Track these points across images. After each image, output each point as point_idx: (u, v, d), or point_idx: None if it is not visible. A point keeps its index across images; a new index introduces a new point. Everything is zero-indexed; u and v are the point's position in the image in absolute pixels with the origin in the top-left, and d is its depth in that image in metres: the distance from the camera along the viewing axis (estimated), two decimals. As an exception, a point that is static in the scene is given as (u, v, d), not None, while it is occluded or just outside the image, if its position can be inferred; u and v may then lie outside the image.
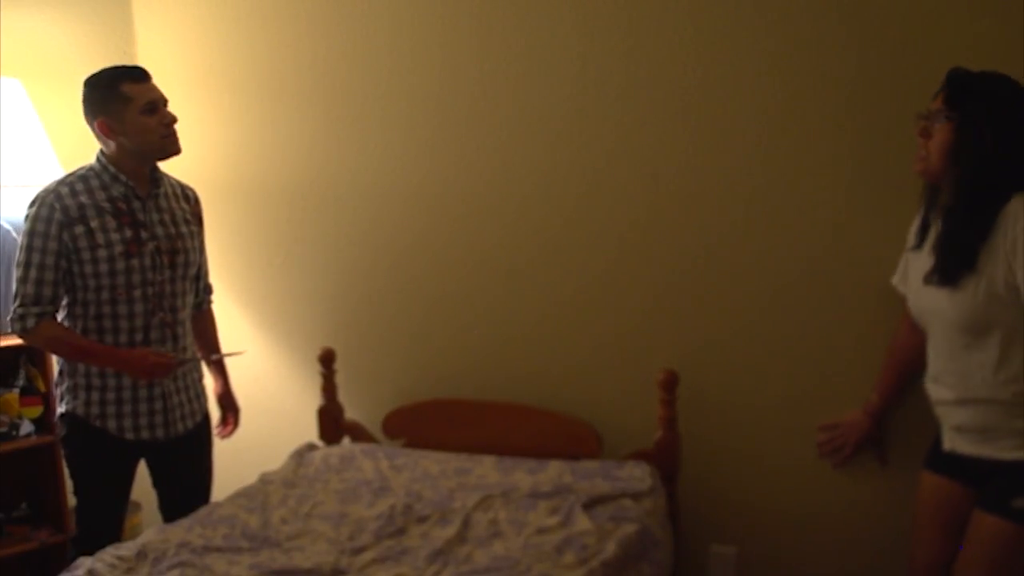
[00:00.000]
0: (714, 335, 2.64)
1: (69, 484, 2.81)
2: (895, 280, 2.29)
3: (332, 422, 2.96)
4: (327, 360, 2.94)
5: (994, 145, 1.91)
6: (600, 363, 2.78)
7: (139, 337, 2.41)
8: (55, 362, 2.90)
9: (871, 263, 2.44)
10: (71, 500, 2.93)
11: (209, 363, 2.74)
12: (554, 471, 2.56)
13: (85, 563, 2.12)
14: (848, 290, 2.49)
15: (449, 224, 2.91)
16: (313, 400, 3.01)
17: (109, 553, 2.16)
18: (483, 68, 2.79)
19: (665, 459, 2.58)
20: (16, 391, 2.94)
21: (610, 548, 2.15)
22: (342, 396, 2.99)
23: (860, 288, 2.47)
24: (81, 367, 2.41)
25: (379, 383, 3.06)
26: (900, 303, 2.30)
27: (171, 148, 2.43)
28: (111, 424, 2.42)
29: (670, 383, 2.55)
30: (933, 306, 2.05)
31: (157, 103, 2.38)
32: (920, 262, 2.10)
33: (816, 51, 2.43)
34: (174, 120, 2.42)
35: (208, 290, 2.75)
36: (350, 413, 3.01)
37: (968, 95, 1.95)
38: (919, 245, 2.13)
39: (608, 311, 2.75)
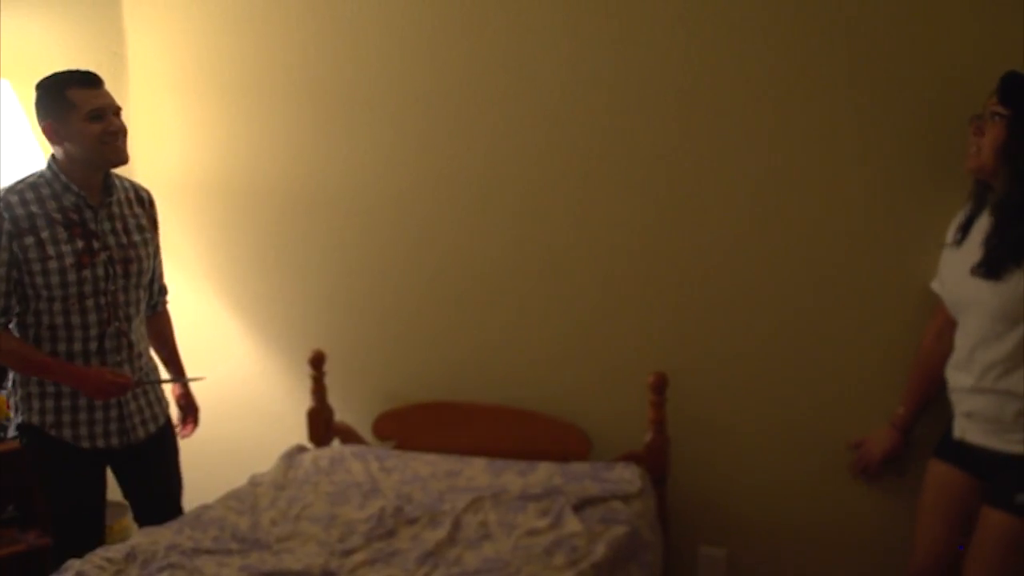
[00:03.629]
0: (704, 338, 2.65)
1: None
2: (934, 285, 2.29)
3: (322, 424, 2.95)
4: (317, 362, 2.93)
5: None
6: (590, 365, 2.78)
7: (93, 346, 2.37)
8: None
9: (872, 267, 2.46)
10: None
11: (173, 382, 2.69)
12: (544, 473, 2.57)
13: (74, 565, 2.11)
14: (843, 293, 2.50)
15: (440, 227, 2.91)
16: (303, 402, 3.01)
17: (98, 555, 2.15)
18: (474, 70, 2.79)
19: (655, 461, 2.59)
20: (3, 393, 2.92)
21: (600, 550, 2.15)
22: (332, 398, 2.99)
23: (855, 292, 2.49)
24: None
25: (369, 385, 3.06)
26: (907, 308, 2.35)
27: (113, 157, 2.35)
28: (66, 433, 2.38)
29: (660, 385, 2.55)
30: (973, 296, 2.08)
31: (104, 111, 2.30)
32: (961, 257, 2.13)
33: (822, 48, 2.43)
34: (121, 129, 2.34)
35: (163, 291, 2.71)
36: (340, 415, 3.01)
37: (1021, 94, 2.01)
38: (961, 241, 2.16)
39: (599, 314, 2.75)
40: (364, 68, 2.92)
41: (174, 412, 2.71)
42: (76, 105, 2.27)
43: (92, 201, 2.37)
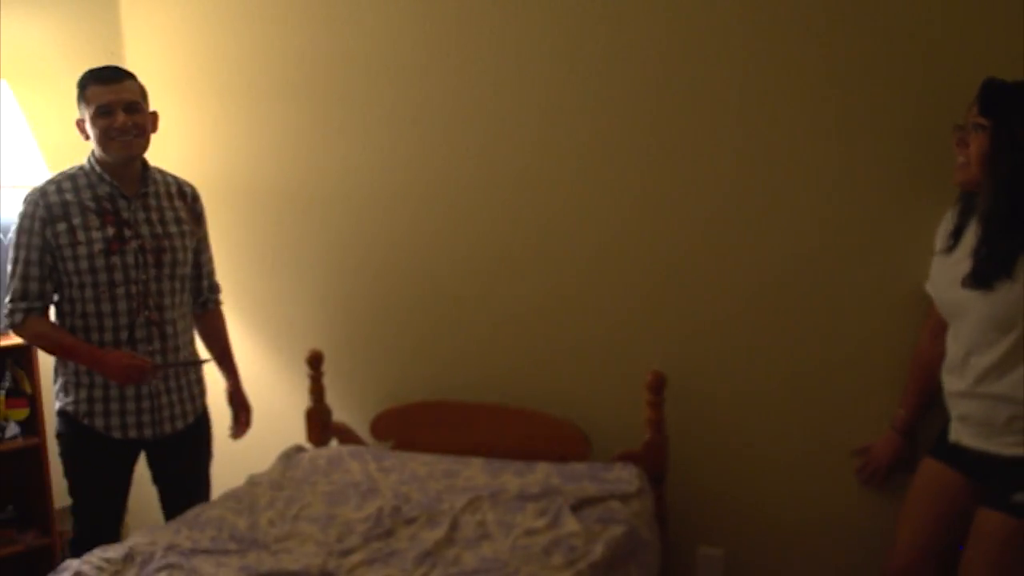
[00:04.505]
0: (703, 337, 2.65)
1: (56, 486, 2.81)
2: (928, 287, 2.28)
3: (320, 424, 2.95)
4: (315, 362, 2.93)
5: None
6: (588, 365, 2.79)
7: (124, 335, 2.41)
8: (41, 364, 2.89)
9: (864, 266, 2.46)
10: (58, 502, 2.92)
11: (185, 364, 2.68)
12: (542, 473, 2.57)
13: (72, 565, 2.11)
14: (838, 292, 2.50)
15: (436, 226, 2.91)
16: (301, 402, 3.01)
17: (96, 555, 2.15)
18: (468, 71, 2.79)
19: (653, 461, 2.59)
20: (2, 393, 2.93)
21: (598, 550, 2.15)
22: (330, 398, 2.99)
23: (850, 290, 2.49)
24: (71, 364, 2.42)
25: (367, 385, 3.06)
26: (901, 307, 2.36)
27: (119, 152, 2.37)
28: (99, 422, 2.42)
29: (657, 385, 2.55)
30: (964, 304, 2.07)
31: (110, 106, 2.33)
32: (951, 264, 2.13)
33: (809, 46, 2.43)
34: (128, 124, 2.34)
35: (214, 289, 2.74)
36: (338, 415, 3.01)
37: (1001, 104, 1.98)
38: (951, 249, 2.15)
39: (596, 312, 2.75)
40: (360, 69, 2.92)
41: (225, 411, 2.72)
42: (89, 101, 2.35)
43: (127, 192, 2.42)
